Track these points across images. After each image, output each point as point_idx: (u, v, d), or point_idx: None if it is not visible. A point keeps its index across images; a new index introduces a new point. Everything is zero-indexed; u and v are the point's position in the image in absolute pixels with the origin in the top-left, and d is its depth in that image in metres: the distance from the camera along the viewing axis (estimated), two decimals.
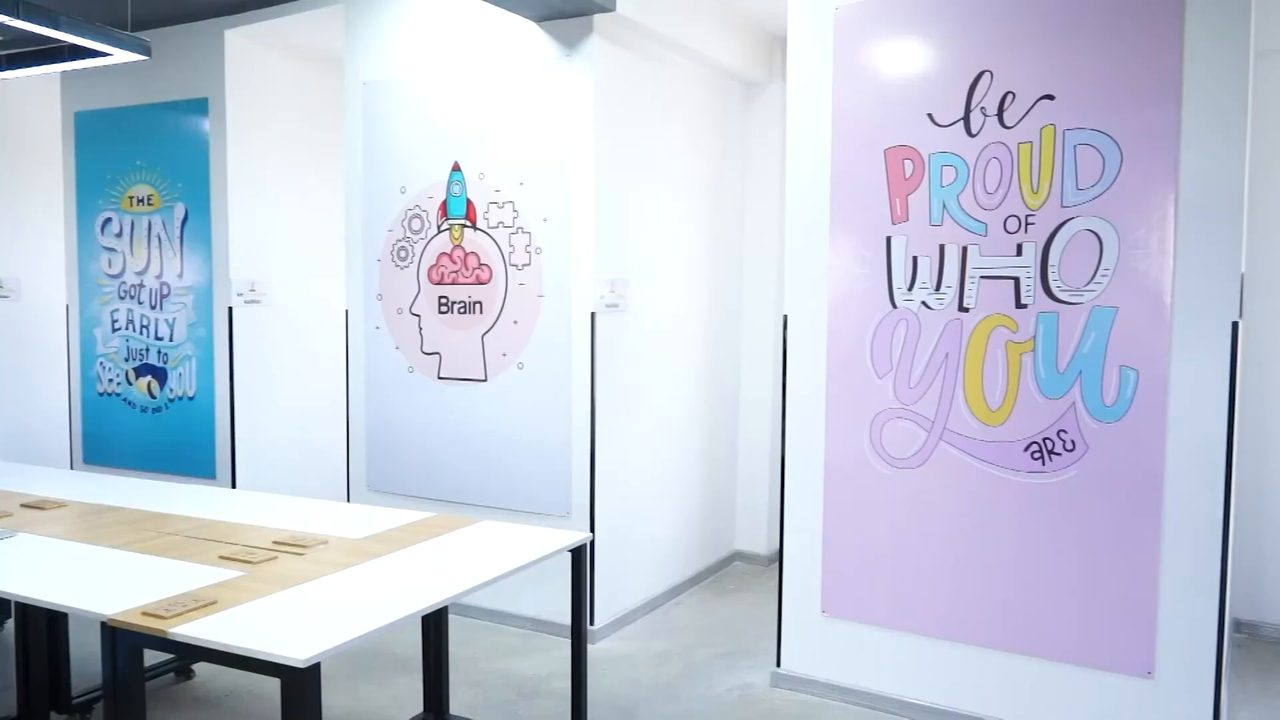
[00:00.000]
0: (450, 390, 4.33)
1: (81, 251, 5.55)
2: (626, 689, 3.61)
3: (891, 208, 3.31)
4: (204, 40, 4.99)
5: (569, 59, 3.97)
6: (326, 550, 2.62)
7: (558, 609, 4.09)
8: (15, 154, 6.04)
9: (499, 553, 2.65)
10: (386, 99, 4.42)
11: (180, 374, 5.24)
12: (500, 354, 4.19)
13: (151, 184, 5.25)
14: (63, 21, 3.20)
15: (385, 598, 2.25)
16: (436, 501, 4.30)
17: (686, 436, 4.81)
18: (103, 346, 5.51)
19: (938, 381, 3.26)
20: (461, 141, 4.22)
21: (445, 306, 4.31)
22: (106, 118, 5.40)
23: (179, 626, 1.99)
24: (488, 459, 4.25)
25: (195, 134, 5.08)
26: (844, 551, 3.47)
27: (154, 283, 5.29)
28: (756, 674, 3.74)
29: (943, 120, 3.21)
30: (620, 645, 4.05)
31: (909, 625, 3.36)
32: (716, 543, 5.17)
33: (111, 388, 5.49)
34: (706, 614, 4.49)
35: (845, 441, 3.44)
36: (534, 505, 4.14)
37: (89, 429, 5.61)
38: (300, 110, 5.35)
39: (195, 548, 2.64)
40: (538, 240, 4.07)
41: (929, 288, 3.26)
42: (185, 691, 3.55)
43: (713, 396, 5.04)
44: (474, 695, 3.52)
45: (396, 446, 4.49)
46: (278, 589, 2.27)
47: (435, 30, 4.28)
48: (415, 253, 4.37)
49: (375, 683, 3.61)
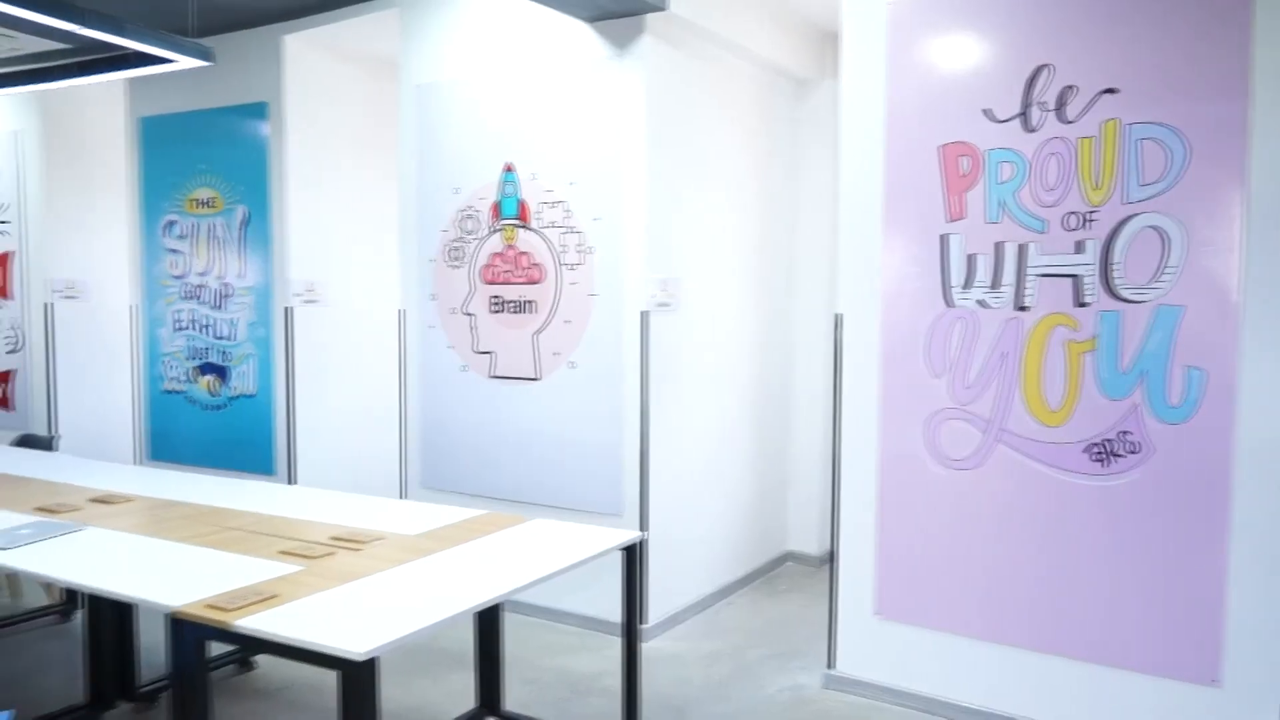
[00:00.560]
0: (503, 389, 4.36)
1: (146, 253, 5.70)
2: (678, 688, 3.61)
3: (947, 205, 3.27)
4: (263, 45, 5.09)
5: (620, 59, 3.98)
6: (383, 546, 2.66)
7: (608, 607, 4.10)
8: (83, 159, 6.22)
9: (551, 550, 2.66)
10: (440, 101, 4.47)
11: (241, 372, 5.36)
12: (552, 353, 4.21)
13: (213, 187, 5.38)
14: (128, 29, 3.29)
15: (440, 594, 2.28)
16: (489, 499, 4.34)
17: (738, 436, 4.79)
18: (167, 346, 5.65)
19: (995, 381, 3.21)
20: (514, 142, 4.26)
21: (498, 306, 4.34)
22: (170, 123, 5.54)
23: (242, 619, 2.04)
24: (539, 457, 4.27)
25: (255, 137, 5.18)
26: (898, 553, 3.43)
27: (216, 283, 5.42)
28: (808, 675, 3.71)
29: (1000, 116, 3.16)
30: (671, 645, 4.05)
31: (964, 628, 3.31)
32: (767, 543, 5.14)
33: (175, 386, 5.63)
34: (757, 614, 4.47)
35: (899, 442, 3.40)
36: (585, 504, 4.15)
37: (154, 426, 5.76)
38: (356, 113, 5.43)
39: (256, 542, 2.70)
40: (589, 240, 4.09)
41: (986, 286, 3.21)
42: (246, 683, 3.63)
43: (764, 396, 5.02)
44: (527, 692, 3.54)
45: (450, 445, 4.54)
46: (336, 584, 2.31)
47: (488, 32, 4.32)
48: (468, 253, 4.42)
49: (430, 677, 3.66)
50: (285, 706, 3.43)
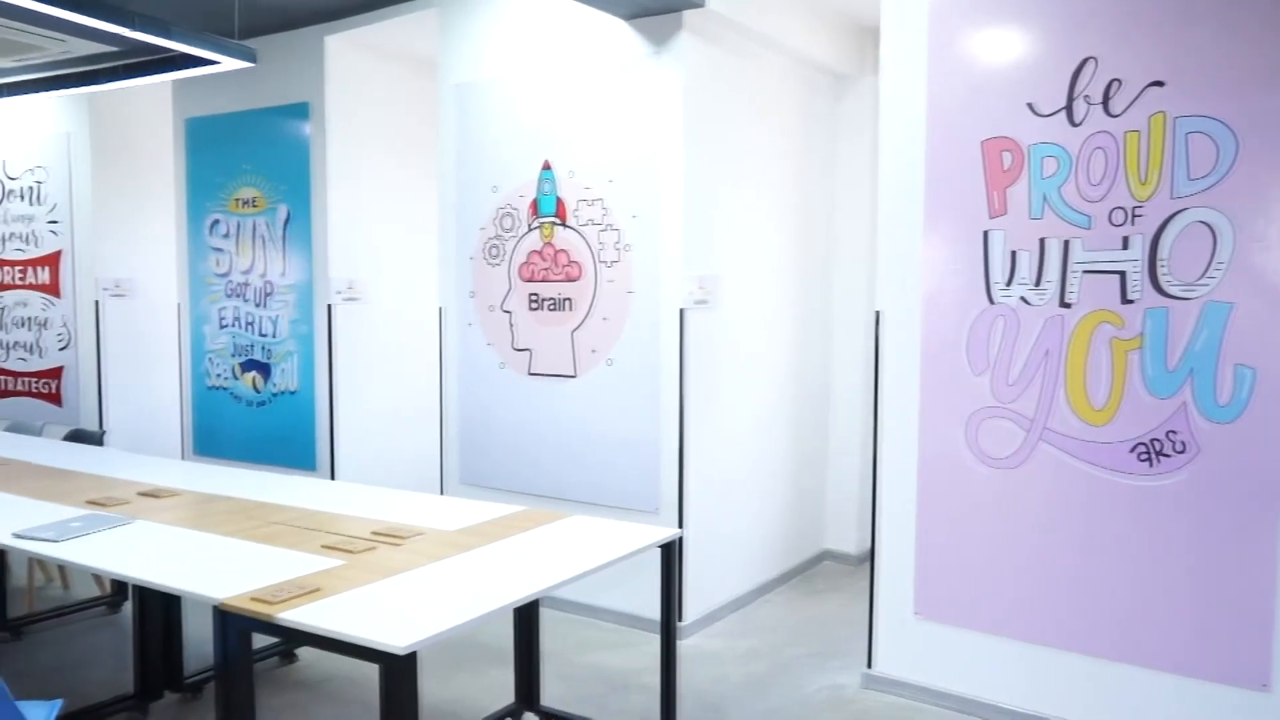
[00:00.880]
0: (540, 386, 4.38)
1: (192, 252, 5.80)
2: (715, 686, 3.60)
3: (989, 201, 3.23)
4: (305, 46, 5.16)
5: (658, 56, 3.98)
6: (422, 541, 2.69)
7: (645, 604, 4.11)
8: (130, 160, 6.34)
9: (590, 547, 2.67)
10: (479, 100, 4.50)
11: (283, 369, 5.43)
12: (590, 350, 4.22)
13: (256, 186, 5.46)
14: (175, 31, 3.35)
15: (480, 589, 2.30)
16: (527, 496, 4.36)
17: (775, 434, 4.77)
18: (211, 343, 5.75)
19: (1038, 379, 3.16)
20: (552, 140, 4.27)
21: (536, 303, 4.36)
22: (214, 123, 5.63)
23: (286, 612, 2.07)
24: (577, 454, 4.29)
25: (297, 137, 5.25)
26: (938, 552, 3.40)
27: (259, 281, 5.50)
28: (847, 675, 3.69)
29: (1044, 110, 3.12)
30: (709, 642, 4.05)
31: (1005, 630, 3.27)
32: (805, 541, 5.12)
33: (220, 382, 5.73)
34: (795, 613, 4.45)
35: (940, 440, 3.37)
36: (623, 501, 4.16)
37: (199, 421, 5.86)
38: (396, 112, 5.49)
39: (299, 536, 2.73)
40: (627, 237, 4.09)
41: (1029, 283, 3.17)
42: (288, 675, 3.68)
43: (802, 393, 5.00)
44: (564, 688, 3.56)
45: (488, 441, 4.57)
46: (377, 578, 2.34)
47: (526, 31, 4.34)
48: (507, 250, 4.44)
49: (468, 672, 3.68)
50: (327, 699, 3.47)
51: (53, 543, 2.65)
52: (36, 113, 6.40)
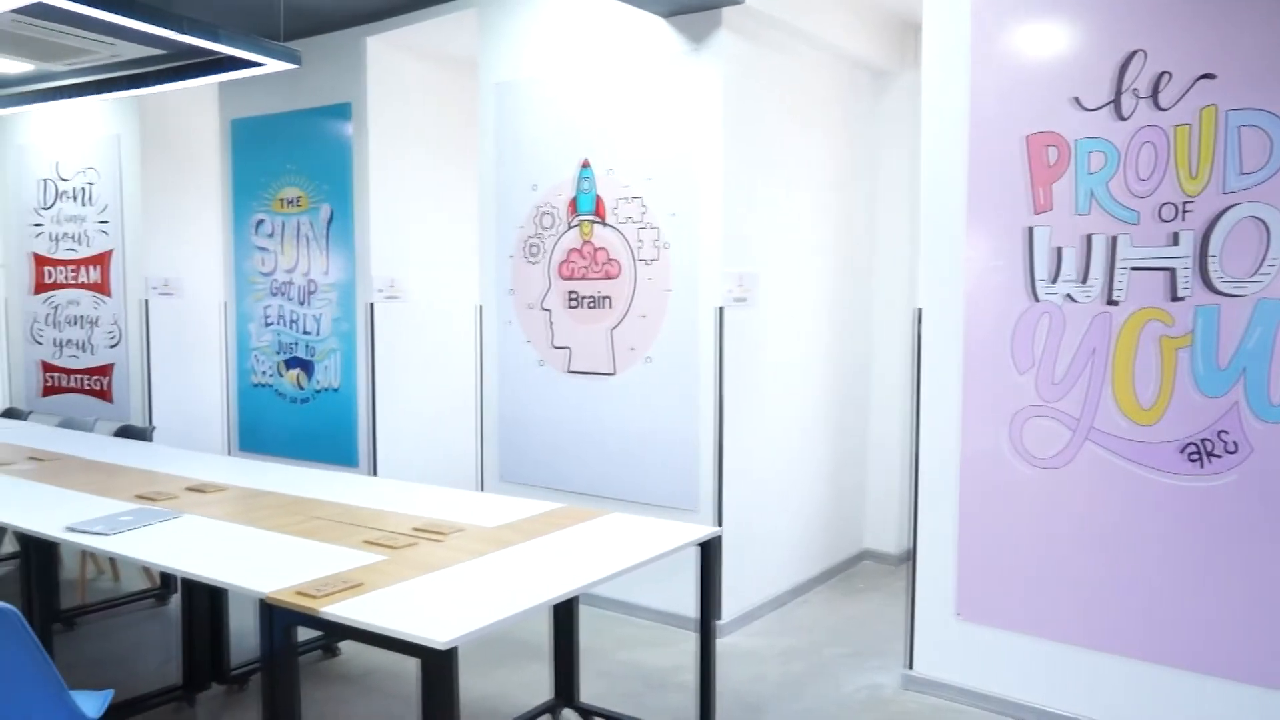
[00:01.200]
0: (579, 384, 4.40)
1: (237, 251, 5.90)
2: (753, 685, 3.59)
3: (1033, 197, 3.18)
4: (347, 48, 5.22)
5: (696, 53, 3.97)
6: (462, 538, 2.71)
7: (683, 602, 4.11)
8: (177, 161, 6.46)
9: (628, 545, 2.68)
10: (518, 99, 4.52)
11: (326, 367, 5.50)
12: (628, 348, 4.23)
13: (300, 186, 5.53)
14: (222, 34, 3.41)
15: (519, 585, 2.31)
16: (565, 493, 4.38)
17: (814, 432, 4.75)
18: (256, 340, 5.84)
19: (1083, 378, 3.11)
20: (591, 138, 4.28)
21: (574, 301, 4.38)
22: (259, 124, 5.72)
23: (329, 606, 2.09)
24: (615, 452, 4.30)
25: (339, 137, 5.32)
26: (980, 553, 3.36)
27: (302, 280, 5.57)
28: (886, 675, 3.66)
29: (1090, 104, 3.06)
30: (746, 641, 4.04)
31: (1049, 632, 3.23)
32: (844, 540, 5.08)
33: (264, 379, 5.81)
34: (834, 612, 4.42)
35: (982, 439, 3.33)
36: (661, 499, 4.16)
37: (243, 418, 5.95)
38: (436, 112, 5.53)
39: (342, 532, 2.77)
40: (665, 235, 4.09)
41: (1074, 280, 3.12)
42: (331, 668, 3.73)
43: (841, 392, 4.96)
44: (602, 684, 3.57)
45: (527, 438, 4.59)
46: (418, 573, 2.36)
47: (565, 30, 4.35)
48: (546, 248, 4.46)
49: (507, 667, 3.71)
50: (368, 692, 3.51)
51: (104, 536, 2.71)
52: (87, 115, 6.55)
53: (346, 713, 3.35)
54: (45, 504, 3.15)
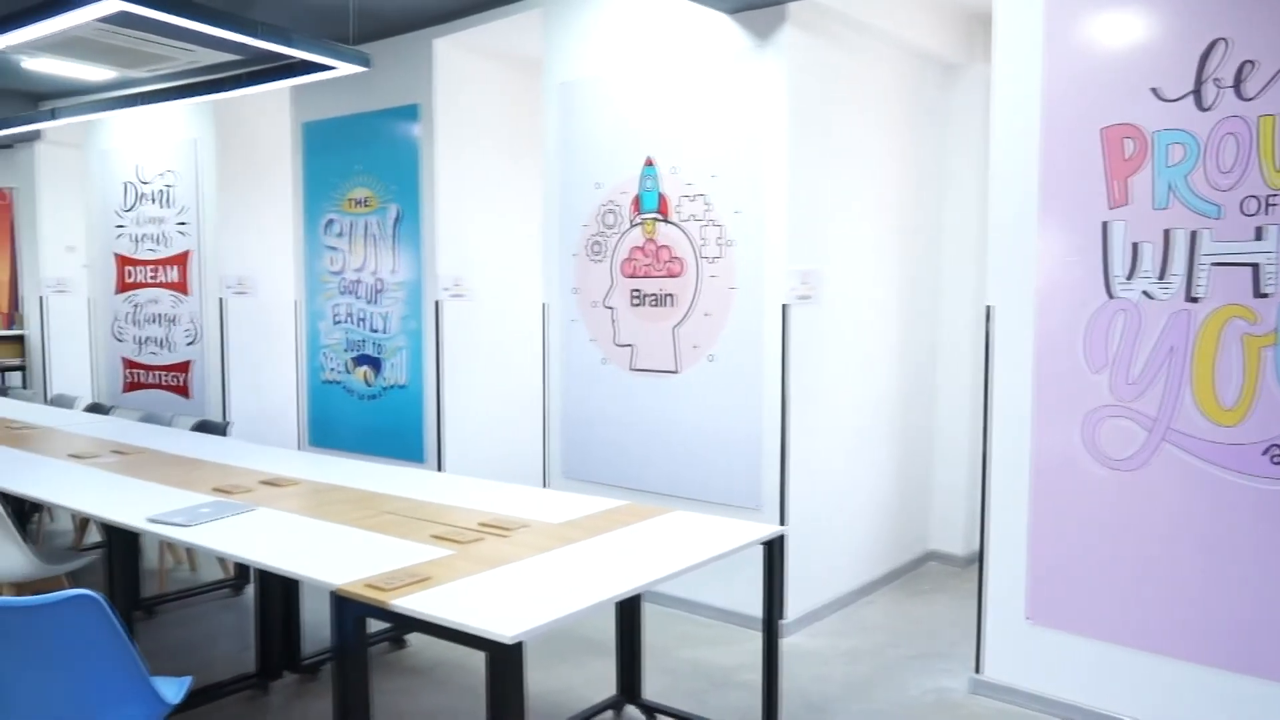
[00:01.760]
0: (642, 382, 4.41)
1: (308, 250, 6.03)
2: (817, 685, 3.57)
3: (1109, 191, 3.10)
4: (415, 49, 5.30)
5: (761, 49, 3.95)
6: (528, 533, 2.74)
7: (745, 601, 4.09)
8: (252, 164, 6.64)
9: (692, 542, 2.68)
10: (582, 98, 4.55)
11: (393, 364, 5.61)
12: (691, 346, 4.23)
13: (369, 187, 5.64)
14: (296, 39, 3.49)
15: (584, 581, 2.33)
16: (628, 490, 4.39)
17: (879, 431, 4.69)
18: (326, 338, 5.97)
19: (1161, 377, 3.02)
20: (654, 136, 4.29)
21: (638, 299, 4.39)
22: (329, 126, 5.84)
23: (399, 599, 2.13)
24: (678, 450, 4.30)
25: (407, 138, 5.41)
26: (1052, 556, 3.28)
27: (370, 279, 5.68)
28: (953, 679, 3.61)
29: (1170, 95, 2.97)
30: (810, 641, 4.01)
31: (1124, 638, 3.14)
32: (910, 541, 5.01)
33: (333, 376, 5.94)
34: (899, 614, 4.36)
35: (1054, 440, 3.25)
36: (724, 497, 4.15)
37: (314, 413, 6.09)
38: (502, 112, 5.59)
39: (410, 526, 2.82)
40: (730, 233, 4.08)
41: (1152, 276, 3.03)
42: (399, 660, 3.80)
43: (908, 390, 4.89)
44: (665, 682, 3.58)
45: (590, 436, 4.62)
46: (485, 568, 2.39)
47: (629, 28, 4.36)
48: (609, 247, 4.48)
49: (570, 663, 3.74)
50: (435, 684, 3.57)
51: (183, 527, 2.80)
52: (167, 120, 6.76)
53: (414, 704, 3.41)
54: (128, 496, 3.26)
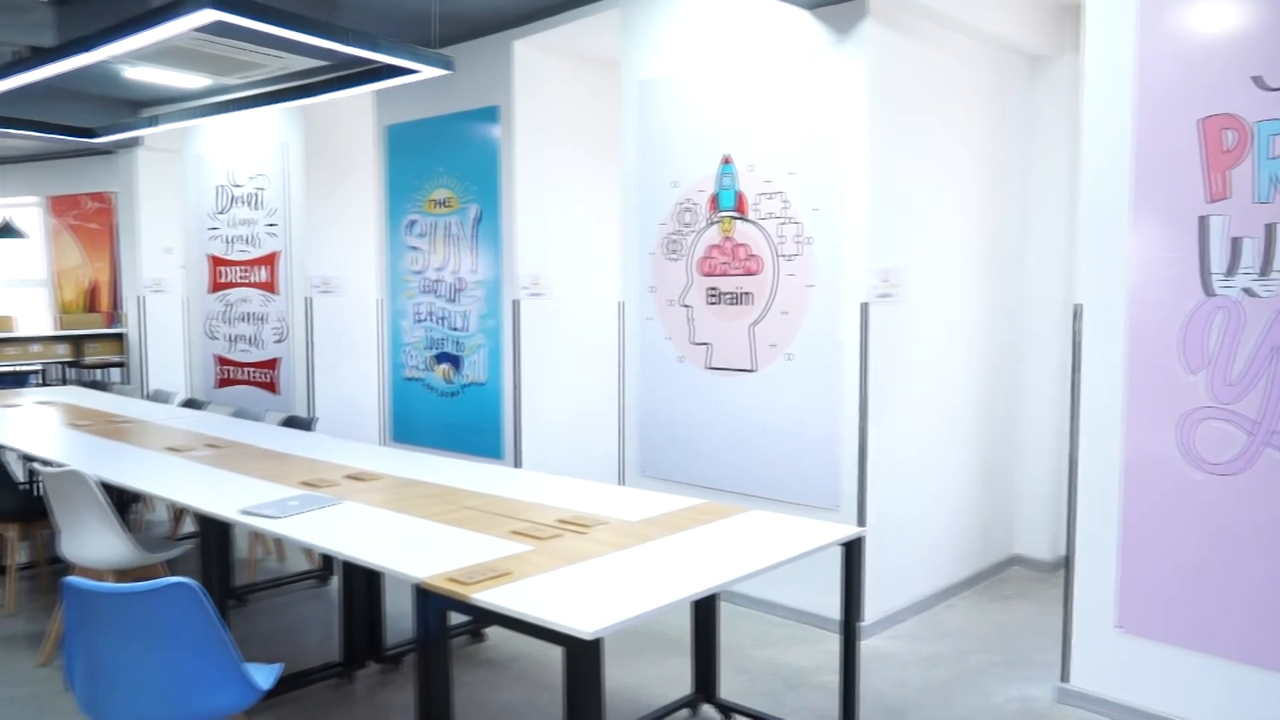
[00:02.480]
0: (719, 380, 4.39)
1: (391, 250, 6.17)
2: (896, 689, 3.51)
3: (1208, 184, 2.98)
4: (495, 52, 5.38)
5: (841, 45, 3.90)
6: (605, 531, 2.75)
7: (822, 602, 4.05)
8: (338, 166, 6.81)
9: (770, 542, 2.66)
10: (660, 96, 4.55)
11: (473, 362, 5.70)
12: (769, 344, 4.20)
13: (449, 188, 5.74)
14: (382, 45, 3.57)
15: (662, 579, 2.33)
16: (704, 489, 4.39)
17: (962, 432, 4.59)
18: (408, 336, 6.10)
19: (1264, 378, 2.90)
20: (732, 134, 4.27)
21: (715, 298, 4.38)
22: (412, 129, 5.96)
23: (480, 593, 2.17)
24: (755, 449, 4.27)
25: (487, 139, 5.49)
26: (1144, 562, 3.17)
27: (451, 278, 5.78)
28: (1038, 687, 3.51)
29: (1273, 83, 2.84)
30: (888, 644, 3.95)
31: (1220, 649, 3.02)
32: (993, 545, 4.90)
33: (415, 373, 6.07)
34: (981, 619, 4.27)
35: (1147, 442, 3.14)
36: (801, 497, 4.12)
37: (396, 410, 6.23)
38: (579, 112, 5.63)
39: (489, 522, 2.86)
40: (808, 230, 4.04)
41: (1254, 272, 2.90)
42: (478, 653, 3.86)
43: (991, 390, 4.78)
44: (741, 681, 3.56)
45: (666, 434, 4.62)
46: (563, 564, 2.41)
47: (707, 25, 4.35)
48: (686, 245, 4.48)
49: (646, 660, 3.75)
50: (513, 678, 3.62)
51: (274, 519, 2.89)
52: (258, 125, 6.98)
53: (493, 696, 3.46)
54: (221, 488, 3.38)
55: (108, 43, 3.60)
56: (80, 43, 3.73)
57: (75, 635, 2.26)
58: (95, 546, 3.47)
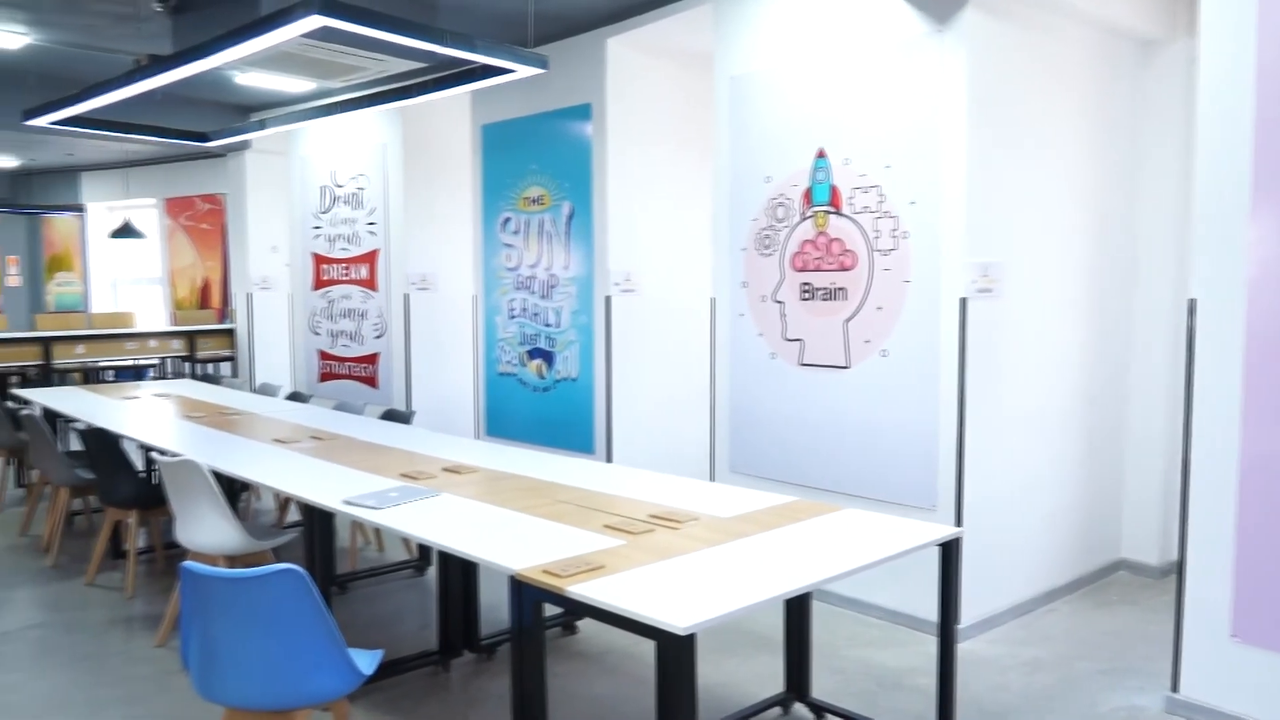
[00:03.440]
0: (811, 377, 4.35)
1: (485, 247, 6.29)
2: (994, 694, 3.42)
3: None
4: (588, 50, 5.42)
5: (940, 34, 3.81)
6: (698, 527, 2.75)
7: (916, 602, 3.98)
8: (435, 166, 6.98)
9: (865, 541, 2.62)
10: (752, 91, 4.52)
11: (565, 357, 5.76)
12: (863, 341, 4.13)
13: (543, 185, 5.81)
14: (479, 45, 3.64)
15: (755, 576, 2.32)
16: (795, 486, 4.35)
17: (1066, 431, 4.44)
18: (502, 332, 6.20)
19: None
20: (826, 127, 4.21)
21: (808, 293, 4.33)
22: (506, 128, 6.06)
23: (574, 586, 2.19)
24: (848, 446, 4.22)
25: (580, 137, 5.54)
26: (1263, 568, 3.02)
27: (544, 274, 5.86)
28: (1146, 697, 3.38)
29: None
30: (986, 648, 3.85)
31: None
32: (1098, 548, 4.73)
33: (508, 369, 6.17)
34: (1085, 625, 4.13)
35: (1268, 443, 2.99)
36: (896, 495, 4.04)
37: (490, 404, 6.35)
38: (671, 108, 5.64)
39: (582, 516, 2.89)
40: (904, 224, 3.96)
41: None
42: (569, 645, 3.91)
43: (1097, 388, 4.61)
44: (833, 681, 3.52)
45: (758, 431, 4.60)
46: (656, 559, 2.42)
47: (800, 19, 4.31)
48: (779, 240, 4.44)
49: (737, 657, 3.74)
50: (605, 670, 3.65)
51: (375, 510, 2.98)
52: (358, 127, 7.19)
53: (585, 688, 3.50)
54: (325, 479, 3.50)
55: (221, 49, 3.75)
56: (196, 50, 3.90)
57: (191, 618, 2.37)
58: (208, 533, 3.63)
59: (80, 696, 3.44)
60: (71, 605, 4.40)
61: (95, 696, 3.43)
